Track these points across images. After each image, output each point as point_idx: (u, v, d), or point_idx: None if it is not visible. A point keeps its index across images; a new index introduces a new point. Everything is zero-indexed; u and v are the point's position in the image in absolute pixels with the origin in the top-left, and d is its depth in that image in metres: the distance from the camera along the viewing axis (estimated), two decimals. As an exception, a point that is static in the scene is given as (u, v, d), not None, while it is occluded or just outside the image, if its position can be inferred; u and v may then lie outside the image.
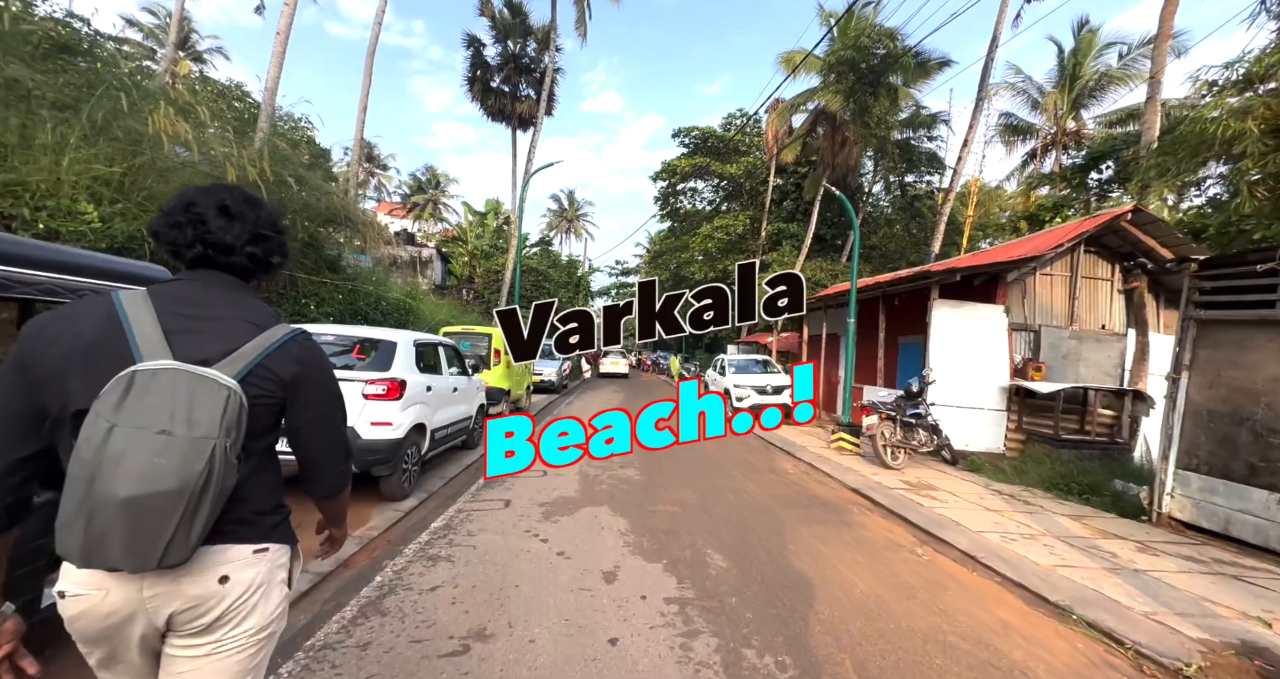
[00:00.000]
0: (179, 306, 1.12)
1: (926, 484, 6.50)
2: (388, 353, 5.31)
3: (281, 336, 1.18)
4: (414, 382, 5.44)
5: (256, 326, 1.16)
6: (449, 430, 6.63)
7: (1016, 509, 5.49)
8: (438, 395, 6.14)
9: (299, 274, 7.67)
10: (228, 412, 1.02)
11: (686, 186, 31.10)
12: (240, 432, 1.06)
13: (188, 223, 1.15)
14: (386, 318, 10.66)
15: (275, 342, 1.16)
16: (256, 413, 1.11)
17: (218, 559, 1.10)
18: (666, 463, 7.76)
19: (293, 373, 1.18)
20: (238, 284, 1.22)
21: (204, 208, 1.16)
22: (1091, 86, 21.08)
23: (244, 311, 1.18)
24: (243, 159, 5.79)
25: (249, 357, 1.11)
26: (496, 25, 26.40)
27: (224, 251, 1.18)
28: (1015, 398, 8.40)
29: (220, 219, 1.17)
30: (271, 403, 1.16)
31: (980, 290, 8.97)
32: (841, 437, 8.46)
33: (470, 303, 26.00)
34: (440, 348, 6.64)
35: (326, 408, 1.30)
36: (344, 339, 5.30)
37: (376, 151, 54.44)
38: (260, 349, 1.13)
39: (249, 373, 1.10)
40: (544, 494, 5.93)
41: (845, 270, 22.32)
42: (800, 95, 21.83)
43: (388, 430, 4.98)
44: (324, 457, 1.33)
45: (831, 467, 7.41)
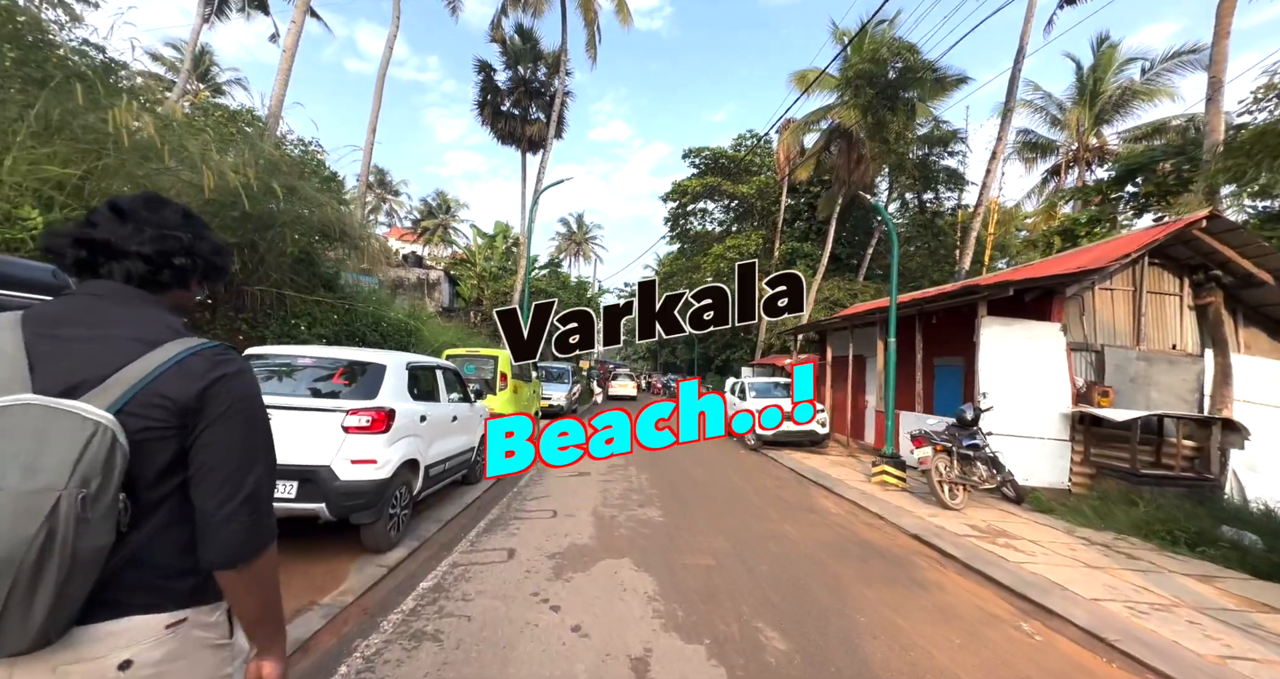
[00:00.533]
0: (55, 327, 0.95)
1: (998, 529, 5.60)
2: (375, 378, 4.59)
3: (180, 352, 0.96)
4: (405, 411, 4.70)
5: (147, 344, 0.96)
6: (447, 465, 5.85)
7: (1121, 565, 4.58)
8: (434, 426, 5.39)
9: (288, 292, 7.04)
10: (88, 453, 0.83)
11: (697, 207, 30.76)
12: (112, 478, 0.85)
13: (74, 225, 1.01)
14: (387, 340, 10.00)
15: (169, 359, 0.95)
16: (145, 451, 0.91)
17: (114, 640, 0.90)
18: (691, 499, 6.91)
19: (192, 394, 0.95)
20: (141, 297, 1.02)
21: (98, 211, 1.02)
22: (1115, 102, 20.57)
23: (138, 328, 0.97)
24: (222, 163, 5.21)
25: (130, 380, 0.92)
26: (507, 51, 26.60)
27: (112, 255, 1.00)
28: (1080, 426, 7.50)
29: (110, 219, 1.01)
30: (165, 436, 0.94)
31: (1032, 307, 8.17)
32: (885, 470, 7.57)
33: (478, 325, 25.45)
34: (438, 371, 5.92)
35: (234, 437, 0.99)
36: (325, 362, 4.59)
37: (389, 178, 55.22)
38: (148, 370, 0.93)
39: (130, 400, 0.91)
40: (554, 540, 5.11)
41: (864, 289, 21.57)
42: (814, 113, 21.50)
43: (371, 469, 4.22)
44: (218, 502, 0.97)
45: (879, 505, 6.52)
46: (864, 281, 22.69)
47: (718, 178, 27.51)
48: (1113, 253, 7.72)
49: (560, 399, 17.14)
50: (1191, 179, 12.81)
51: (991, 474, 6.51)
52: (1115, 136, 22.02)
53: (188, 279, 1.08)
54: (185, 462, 0.96)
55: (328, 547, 4.43)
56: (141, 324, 0.97)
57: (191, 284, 1.10)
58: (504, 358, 10.20)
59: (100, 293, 0.99)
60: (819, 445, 11.81)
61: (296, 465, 4.03)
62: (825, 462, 10.18)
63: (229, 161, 5.48)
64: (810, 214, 28.49)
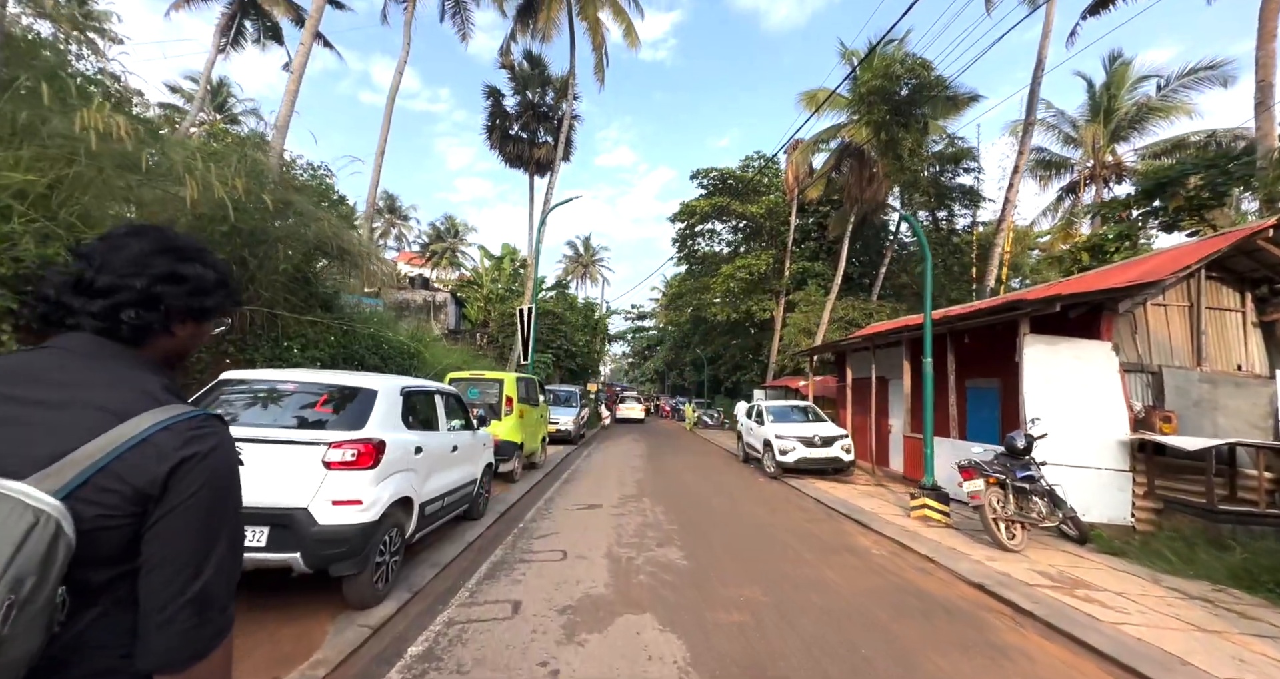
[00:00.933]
0: (8, 387, 0.81)
1: (1072, 577, 4.90)
2: (363, 405, 4.06)
3: (148, 427, 0.80)
4: (397, 442, 4.16)
5: (115, 415, 0.80)
6: (445, 501, 5.27)
7: (1239, 628, 3.85)
8: (431, 457, 4.84)
9: (281, 312, 6.58)
10: (25, 548, 0.70)
11: (704, 228, 30.50)
12: (50, 574, 0.72)
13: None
14: (388, 363, 9.51)
15: (136, 435, 0.79)
16: (94, 540, 0.77)
17: None
18: (714, 537, 6.25)
19: (153, 478, 0.79)
20: (116, 353, 0.88)
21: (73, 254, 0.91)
22: (1132, 118, 20.26)
23: (107, 394, 0.83)
24: (208, 172, 4.81)
25: (86, 461, 0.77)
26: (516, 76, 26.89)
27: (71, 310, 0.88)
28: (1140, 455, 6.82)
29: (69, 270, 0.89)
30: (120, 524, 0.78)
31: (1076, 325, 7.57)
32: (926, 503, 6.88)
33: (484, 348, 25.04)
34: (437, 396, 5.39)
35: (191, 528, 0.82)
36: (307, 388, 4.08)
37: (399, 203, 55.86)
38: (108, 448, 0.78)
39: (83, 484, 0.76)
40: (565, 589, 4.49)
41: (880, 309, 21.01)
42: (825, 131, 21.32)
43: (355, 512, 3.66)
44: (159, 603, 0.80)
45: (926, 545, 5.83)
46: (879, 301, 22.12)
47: (726, 198, 27.31)
48: (1168, 265, 7.15)
49: (568, 423, 16.53)
50: (1226, 192, 12.29)
51: (1051, 510, 5.82)
52: (1132, 153, 21.67)
53: (169, 325, 0.93)
54: (137, 549, 0.82)
55: (302, 601, 3.84)
56: (113, 388, 0.84)
57: (179, 329, 0.95)
58: (510, 381, 9.67)
59: (71, 348, 0.87)
60: (843, 473, 11.09)
61: (268, 508, 3.48)
62: (853, 491, 9.46)
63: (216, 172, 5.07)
64: (820, 234, 28.15)
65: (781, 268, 26.43)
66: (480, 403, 9.63)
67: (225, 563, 0.86)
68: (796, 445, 10.80)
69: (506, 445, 9.13)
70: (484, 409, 9.53)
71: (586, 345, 29.02)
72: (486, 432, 7.15)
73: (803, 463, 10.72)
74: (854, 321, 20.21)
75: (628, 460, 13.72)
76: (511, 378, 9.76)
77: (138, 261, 0.90)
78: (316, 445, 3.65)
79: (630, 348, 66.12)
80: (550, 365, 24.33)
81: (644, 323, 60.85)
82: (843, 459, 10.74)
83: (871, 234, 27.51)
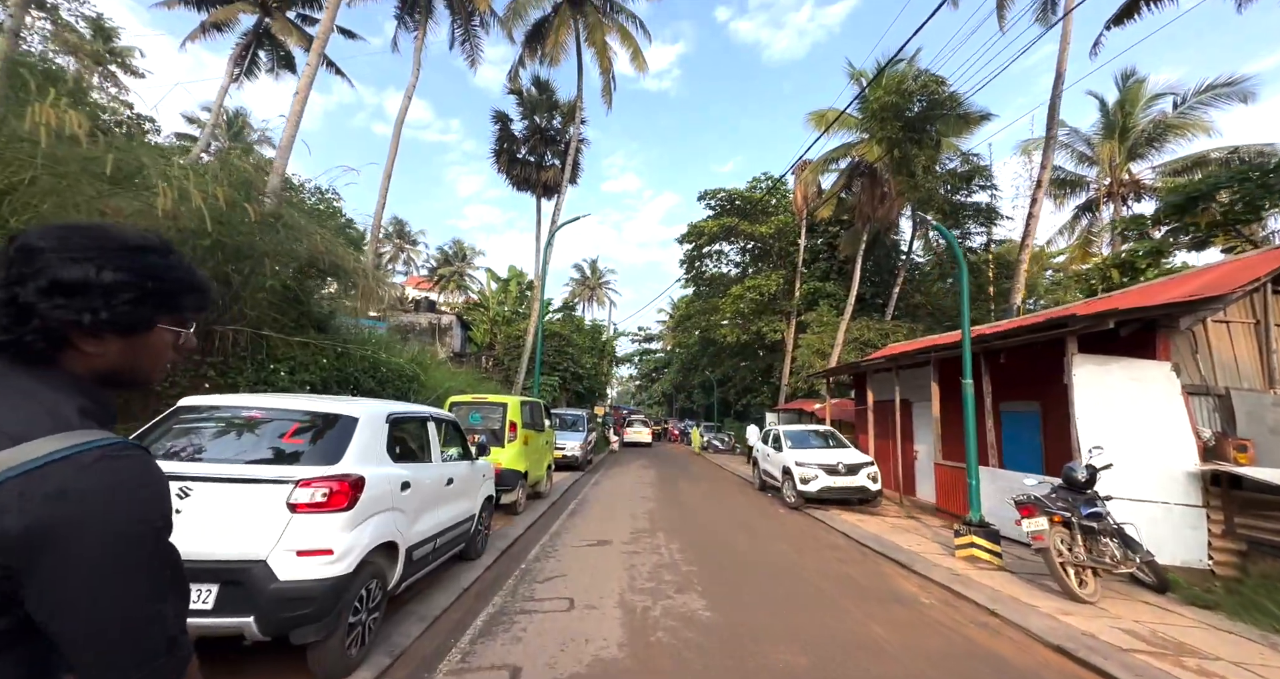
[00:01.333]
0: None
1: (1170, 639, 4.16)
2: (341, 435, 3.51)
3: (42, 456, 0.69)
4: (380, 477, 3.59)
5: (9, 438, 0.69)
6: (438, 542, 4.66)
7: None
8: (422, 493, 4.26)
9: (268, 332, 6.11)
10: None
11: (713, 249, 30.21)
12: None
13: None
14: (385, 387, 9.00)
15: (22, 464, 0.68)
16: None
17: None
18: (739, 580, 5.56)
19: (25, 526, 0.66)
20: (22, 367, 0.78)
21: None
22: (1149, 136, 19.90)
23: (4, 414, 0.72)
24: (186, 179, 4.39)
25: None
26: (524, 101, 27.13)
27: None
28: (1214, 489, 6.11)
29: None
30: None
31: (1126, 343, 6.95)
32: (973, 541, 6.16)
33: (489, 371, 24.55)
34: (431, 423, 4.84)
35: (89, 586, 0.69)
36: (277, 415, 3.54)
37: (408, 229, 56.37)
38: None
39: None
40: (572, 651, 3.84)
41: (896, 329, 20.39)
42: (834, 150, 21.09)
43: (324, 564, 3.08)
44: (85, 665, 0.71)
45: (983, 593, 5.12)
46: (894, 321, 21.50)
47: (735, 218, 27.06)
48: (1232, 278, 6.57)
49: (575, 449, 15.85)
50: (1264, 206, 11.75)
51: (1125, 554, 5.11)
52: (1150, 171, 21.24)
53: (64, 340, 0.79)
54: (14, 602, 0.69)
55: (257, 671, 3.23)
56: (11, 408, 0.73)
57: (90, 345, 0.80)
58: (514, 405, 9.10)
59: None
60: (870, 504, 10.33)
61: (219, 561, 2.91)
62: (884, 525, 8.71)
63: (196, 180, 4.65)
64: (830, 254, 27.75)
65: (791, 288, 25.96)
66: (482, 429, 9.06)
67: (139, 613, 0.73)
68: (819, 474, 10.08)
69: (509, 475, 8.51)
70: (485, 435, 8.96)
71: (594, 368, 28.49)
72: (487, 461, 6.57)
73: (826, 493, 9.99)
74: (870, 342, 19.57)
75: (638, 489, 13.00)
76: (516, 402, 9.20)
77: (13, 265, 0.79)
78: (280, 484, 3.09)
79: (637, 371, 65.57)
80: (557, 388, 23.75)
81: (650, 345, 60.41)
82: (869, 489, 10.00)
83: (883, 254, 27.08)
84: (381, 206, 19.20)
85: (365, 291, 7.30)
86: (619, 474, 16.48)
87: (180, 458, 3.16)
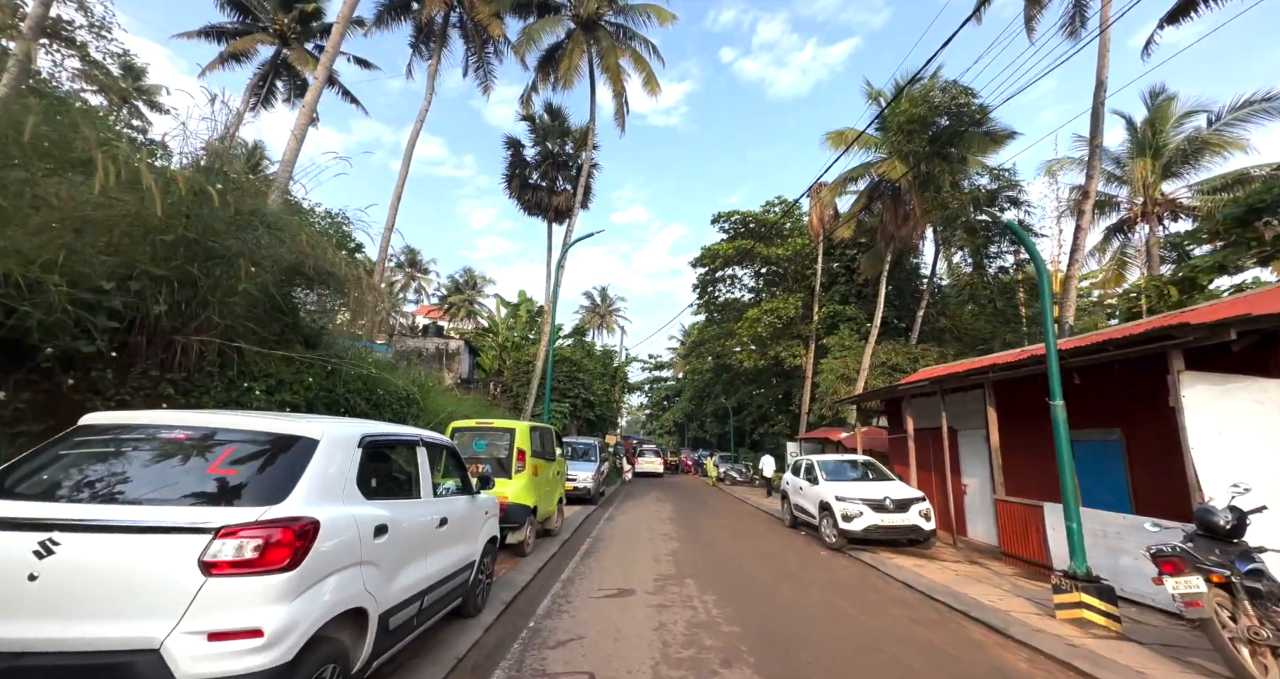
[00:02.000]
0: None
1: None
2: (292, 463, 2.61)
3: None
4: (343, 522, 2.67)
5: None
6: (426, 601, 3.68)
7: None
8: (405, 539, 3.32)
9: (242, 345, 5.29)
10: None
11: (726, 273, 29.51)
12: None
13: None
14: (381, 410, 8.13)
15: None
16: None
17: None
18: (796, 650, 4.46)
19: None
20: None
21: None
22: (1186, 154, 19.15)
23: None
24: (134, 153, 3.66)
25: None
26: (536, 128, 27.16)
27: None
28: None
29: None
30: None
31: (1235, 360, 5.95)
32: (1083, 600, 5.02)
33: (497, 397, 23.64)
34: (421, 449, 3.92)
35: None
36: (206, 436, 2.65)
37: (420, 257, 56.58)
38: None
39: None
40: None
41: (925, 353, 19.30)
42: (854, 169, 20.50)
43: (249, 651, 2.13)
44: None
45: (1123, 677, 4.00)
46: (922, 345, 20.43)
47: (750, 240, 26.44)
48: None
49: (587, 481, 14.76)
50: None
51: (1302, 622, 3.99)
52: (1185, 190, 20.41)
53: None
54: None
55: None
56: None
57: None
58: (523, 431, 8.17)
59: None
60: (922, 545, 9.13)
61: (87, 652, 1.97)
62: (947, 573, 7.54)
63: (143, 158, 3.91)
64: (848, 277, 26.92)
65: (809, 312, 25.04)
66: (487, 457, 8.11)
67: None
68: (864, 510, 8.94)
69: (517, 510, 7.51)
70: (490, 465, 8.00)
71: (606, 395, 27.49)
72: (491, 495, 5.61)
73: (872, 532, 8.82)
74: (898, 367, 18.48)
75: (656, 525, 11.84)
76: (525, 428, 8.26)
77: None
78: (193, 533, 2.18)
79: (648, 399, 64.35)
80: (567, 415, 22.74)
81: (661, 373, 59.31)
82: (922, 528, 8.82)
83: (903, 277, 26.20)
84: (390, 226, 18.75)
85: (359, 302, 6.50)
86: (633, 508, 15.29)
87: (55, 498, 2.28)
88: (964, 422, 11.05)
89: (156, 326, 4.70)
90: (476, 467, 8.02)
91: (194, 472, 2.51)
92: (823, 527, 9.68)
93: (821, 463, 10.86)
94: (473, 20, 20.83)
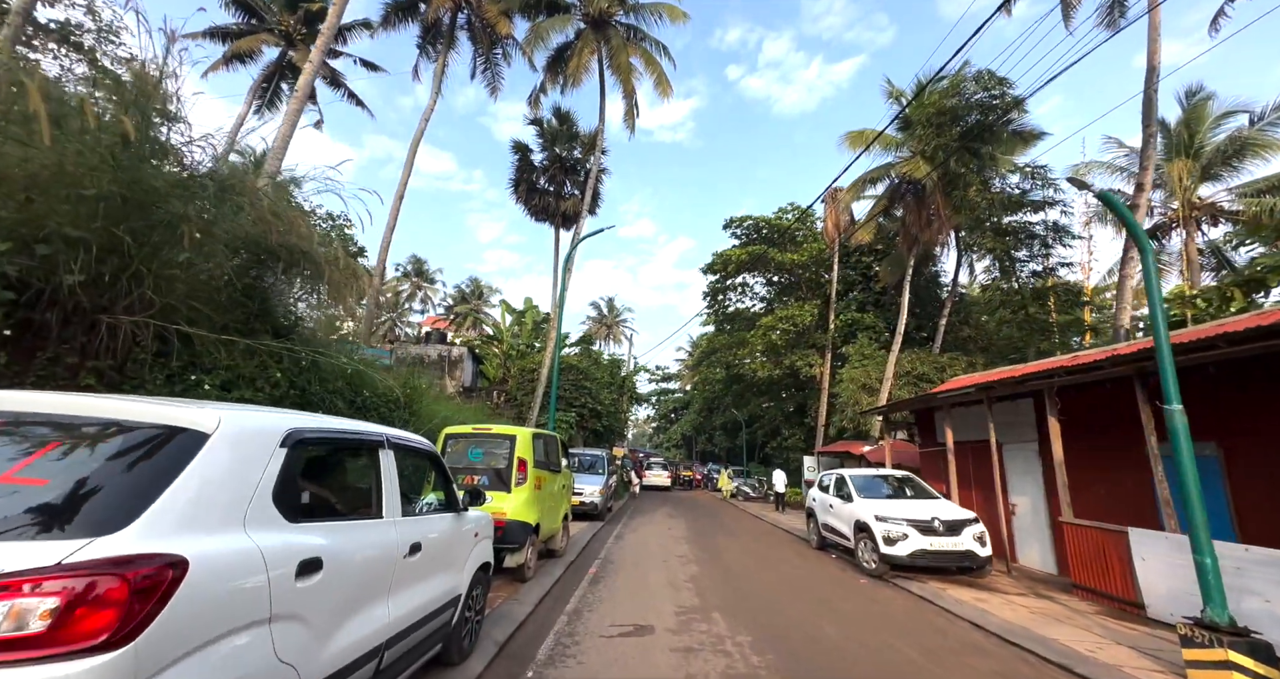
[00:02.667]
0: None
1: None
2: (157, 470, 1.68)
3: None
4: (229, 560, 1.73)
5: None
6: (385, 659, 2.72)
7: None
8: (350, 578, 2.38)
9: (184, 327, 4.40)
10: None
11: (737, 281, 28.60)
12: None
13: None
14: (365, 414, 7.20)
15: None
16: None
17: None
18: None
19: None
20: None
21: None
22: (1225, 154, 18.19)
23: None
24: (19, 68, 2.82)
25: None
26: (544, 133, 26.66)
27: None
28: None
29: None
30: None
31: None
32: (1230, 659, 3.97)
33: (500, 406, 22.71)
34: (384, 453, 2.98)
35: None
36: (9, 422, 1.73)
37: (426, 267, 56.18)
38: None
39: None
40: None
41: (953, 362, 18.21)
42: (874, 170, 19.67)
43: None
44: None
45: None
46: (948, 354, 19.35)
47: (763, 246, 25.58)
48: None
49: (593, 495, 13.73)
50: None
51: None
52: (1225, 193, 19.40)
53: None
54: None
55: None
56: None
57: None
58: (524, 438, 7.22)
59: None
60: (975, 573, 8.03)
61: None
62: (1019, 611, 6.45)
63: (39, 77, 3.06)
64: (865, 284, 25.96)
65: (825, 320, 24.05)
66: (484, 467, 7.17)
67: None
68: (909, 532, 7.88)
69: (517, 529, 6.54)
70: (486, 476, 7.05)
71: (613, 404, 26.50)
72: (483, 512, 4.66)
73: (920, 558, 7.75)
74: (925, 376, 17.42)
75: (670, 545, 10.79)
76: (527, 435, 7.31)
77: None
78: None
79: (655, 411, 63.22)
80: (573, 425, 21.75)
81: (669, 385, 58.22)
82: (978, 554, 7.74)
83: (922, 284, 25.21)
84: (392, 227, 18.06)
85: (334, 283, 5.62)
86: (643, 525, 14.22)
87: None
88: (1009, 434, 10.00)
89: (75, 303, 3.83)
90: (471, 479, 7.07)
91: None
92: (859, 550, 8.61)
93: (852, 477, 9.80)
94: (480, 20, 20.35)
